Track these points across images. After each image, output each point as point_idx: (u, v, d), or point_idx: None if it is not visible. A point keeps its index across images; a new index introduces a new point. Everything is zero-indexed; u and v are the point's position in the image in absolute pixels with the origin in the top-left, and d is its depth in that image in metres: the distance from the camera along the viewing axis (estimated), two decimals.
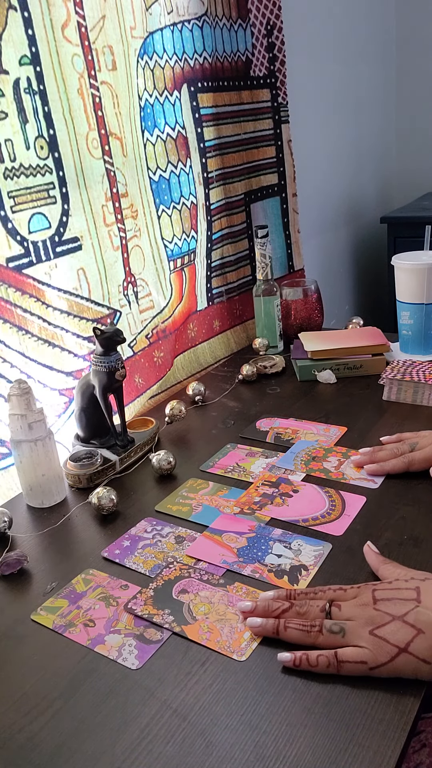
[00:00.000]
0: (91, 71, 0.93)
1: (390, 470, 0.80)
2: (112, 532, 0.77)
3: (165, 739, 0.50)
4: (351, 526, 0.72)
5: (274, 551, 0.69)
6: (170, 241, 1.15)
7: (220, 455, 0.91)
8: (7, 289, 0.86)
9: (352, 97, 1.91)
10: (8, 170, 0.84)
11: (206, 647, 0.58)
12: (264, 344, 1.25)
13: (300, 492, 0.80)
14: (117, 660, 0.58)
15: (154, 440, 0.98)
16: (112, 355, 0.87)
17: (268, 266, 1.24)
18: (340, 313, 1.94)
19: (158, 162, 1.10)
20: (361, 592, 0.56)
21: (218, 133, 1.23)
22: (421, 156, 2.22)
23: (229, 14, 1.22)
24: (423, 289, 1.09)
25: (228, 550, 0.71)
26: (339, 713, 0.50)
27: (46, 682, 0.57)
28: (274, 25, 1.32)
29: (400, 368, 1.03)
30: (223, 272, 1.32)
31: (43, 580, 0.70)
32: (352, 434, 0.93)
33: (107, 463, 0.89)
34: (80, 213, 0.95)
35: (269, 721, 0.50)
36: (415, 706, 0.50)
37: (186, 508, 0.80)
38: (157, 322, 1.13)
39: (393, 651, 0.51)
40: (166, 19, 1.07)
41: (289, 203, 1.45)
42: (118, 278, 1.03)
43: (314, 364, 1.13)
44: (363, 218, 2.06)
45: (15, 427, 0.81)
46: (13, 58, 0.82)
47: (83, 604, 0.65)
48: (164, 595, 0.65)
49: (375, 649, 0.51)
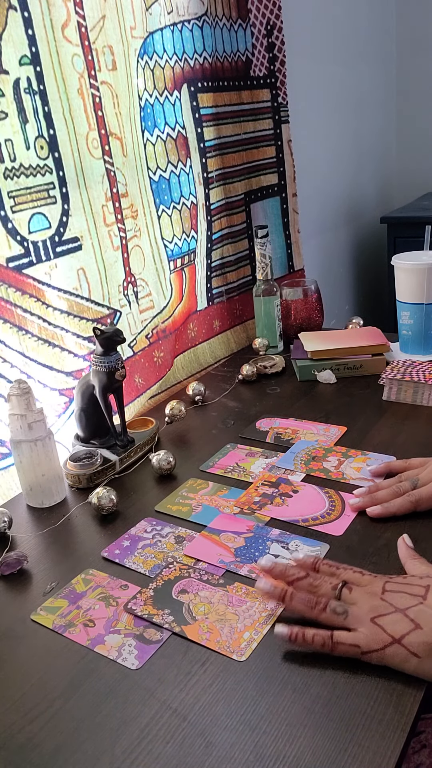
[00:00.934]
0: (91, 71, 0.93)
1: (396, 512, 0.71)
2: (112, 532, 0.77)
3: (165, 739, 0.50)
4: (351, 527, 0.72)
5: (272, 551, 0.69)
6: (170, 241, 1.15)
7: (220, 455, 0.91)
8: (7, 289, 0.86)
9: (352, 97, 1.91)
10: (8, 170, 0.84)
11: (206, 647, 0.58)
12: (264, 344, 1.25)
13: (300, 492, 0.80)
14: (117, 660, 0.58)
15: (154, 440, 0.98)
16: (112, 355, 0.87)
17: (268, 266, 1.24)
18: (340, 313, 1.94)
19: (158, 162, 1.10)
20: (375, 581, 0.57)
21: (218, 133, 1.23)
22: (421, 156, 2.22)
23: (229, 14, 1.22)
24: (423, 289, 1.09)
25: (226, 550, 0.71)
26: (339, 713, 0.50)
27: (46, 682, 0.57)
28: (274, 25, 1.32)
29: (400, 368, 1.03)
30: (223, 272, 1.32)
31: (43, 580, 0.70)
32: (352, 434, 0.93)
33: (107, 463, 0.89)
34: (80, 213, 0.95)
35: (269, 721, 0.50)
36: (415, 707, 0.50)
37: (186, 508, 0.80)
38: (157, 322, 1.13)
39: (387, 640, 0.52)
40: (166, 19, 1.07)
41: (289, 203, 1.45)
42: (118, 278, 1.03)
43: (314, 364, 1.13)
44: (363, 218, 2.06)
45: (15, 427, 0.81)
46: (13, 58, 0.82)
47: (83, 604, 0.65)
48: (164, 595, 0.65)
49: (371, 635, 0.52)
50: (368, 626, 0.53)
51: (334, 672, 0.54)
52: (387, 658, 0.52)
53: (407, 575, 0.58)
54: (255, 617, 0.61)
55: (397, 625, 0.52)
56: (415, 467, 0.77)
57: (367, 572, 0.59)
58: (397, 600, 0.54)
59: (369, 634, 0.52)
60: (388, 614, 0.53)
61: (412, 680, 0.51)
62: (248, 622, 0.60)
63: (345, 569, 0.59)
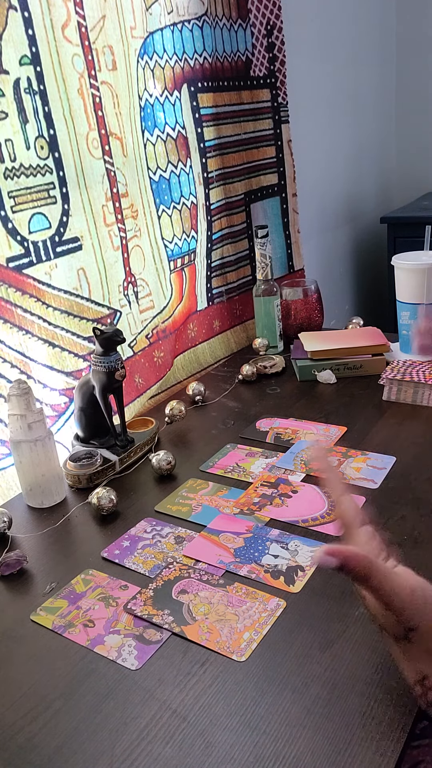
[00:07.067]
0: (92, 71, 0.93)
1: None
2: (112, 533, 0.77)
3: (164, 739, 0.50)
4: None
5: (271, 552, 0.69)
6: (170, 241, 1.15)
7: (220, 455, 0.91)
8: (7, 289, 0.86)
9: (352, 96, 1.91)
10: (8, 170, 0.84)
11: (206, 648, 0.58)
12: (264, 344, 1.25)
13: (299, 492, 0.80)
14: (116, 660, 0.58)
15: (154, 440, 0.98)
16: (112, 355, 0.87)
17: (268, 266, 1.24)
18: (340, 313, 1.94)
19: (158, 162, 1.10)
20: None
21: (218, 133, 1.23)
22: (421, 156, 2.22)
23: (229, 14, 1.22)
24: (423, 289, 1.09)
25: (225, 550, 0.71)
26: (338, 714, 0.50)
27: (46, 683, 0.57)
28: (274, 25, 1.32)
29: (400, 368, 1.02)
30: (223, 272, 1.32)
31: (42, 581, 0.70)
32: (352, 434, 0.93)
33: (107, 463, 0.89)
34: (80, 213, 0.95)
35: (268, 721, 0.50)
36: (415, 707, 0.49)
37: (186, 509, 0.80)
38: (157, 322, 1.13)
39: (402, 582, 0.46)
40: (166, 19, 1.07)
41: (289, 203, 1.45)
42: (118, 278, 1.03)
43: (314, 364, 1.12)
44: (363, 218, 2.06)
45: (15, 427, 0.81)
46: (13, 58, 0.82)
47: (83, 605, 0.65)
48: (164, 595, 0.65)
49: (388, 571, 0.46)
50: (398, 568, 0.48)
51: (334, 672, 0.54)
52: (376, 584, 0.45)
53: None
54: (255, 617, 0.61)
55: (409, 578, 0.46)
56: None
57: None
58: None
59: (389, 569, 0.46)
60: (412, 576, 0.47)
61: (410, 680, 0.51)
62: (248, 622, 0.60)
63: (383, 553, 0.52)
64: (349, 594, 0.62)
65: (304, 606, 0.61)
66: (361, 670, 0.53)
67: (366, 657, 0.55)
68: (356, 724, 0.49)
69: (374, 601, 0.47)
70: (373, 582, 0.46)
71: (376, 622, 0.49)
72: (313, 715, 0.50)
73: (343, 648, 0.56)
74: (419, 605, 0.47)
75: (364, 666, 0.53)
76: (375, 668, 0.53)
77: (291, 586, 0.64)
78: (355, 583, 0.48)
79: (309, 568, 0.66)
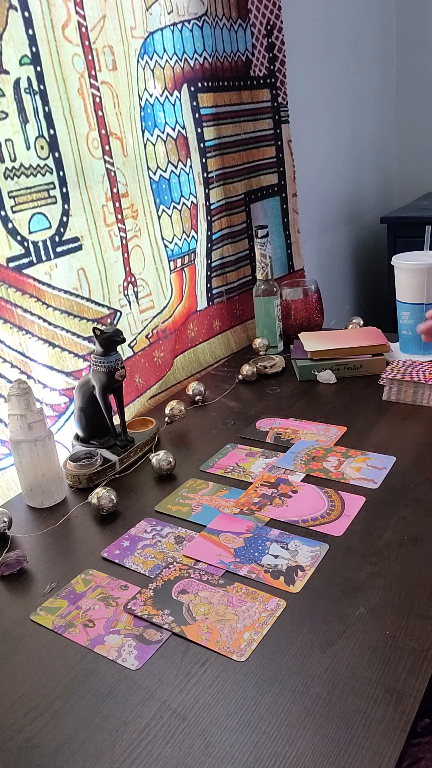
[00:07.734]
0: (92, 71, 0.93)
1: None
2: (112, 533, 0.77)
3: (164, 739, 0.50)
4: (351, 527, 0.72)
5: (271, 552, 0.69)
6: (170, 241, 1.15)
7: (220, 455, 0.91)
8: (7, 289, 0.86)
9: (352, 97, 1.91)
10: (8, 170, 0.84)
11: (206, 648, 0.58)
12: (264, 344, 1.25)
13: (299, 492, 0.80)
14: (116, 660, 0.58)
15: (154, 440, 0.98)
16: (112, 355, 0.87)
17: (268, 266, 1.24)
18: (340, 313, 1.94)
19: (158, 162, 1.10)
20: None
21: (218, 133, 1.23)
22: (421, 156, 2.22)
23: (229, 14, 1.22)
24: (423, 289, 1.09)
25: (225, 550, 0.71)
26: (338, 714, 0.50)
27: (46, 683, 0.57)
28: (274, 25, 1.32)
29: (400, 368, 1.03)
30: (223, 272, 1.32)
31: (42, 581, 0.70)
32: (352, 434, 0.93)
33: (107, 463, 0.89)
34: (80, 213, 0.95)
35: (269, 721, 0.50)
36: (415, 707, 0.50)
37: (186, 509, 0.80)
38: (157, 322, 1.13)
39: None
40: (166, 19, 1.07)
41: (289, 203, 1.45)
42: (118, 278, 1.03)
43: (314, 364, 1.13)
44: (363, 218, 2.06)
45: (15, 427, 0.81)
46: (13, 58, 0.82)
47: (83, 605, 0.65)
48: (164, 595, 0.65)
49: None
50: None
51: (334, 672, 0.54)
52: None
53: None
54: (255, 617, 0.61)
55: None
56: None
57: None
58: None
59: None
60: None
61: (412, 680, 0.51)
62: (248, 622, 0.60)
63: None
64: (350, 594, 0.62)
65: (304, 606, 0.61)
66: (361, 670, 0.53)
67: (366, 657, 0.55)
68: (356, 724, 0.49)
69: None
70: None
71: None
72: (313, 715, 0.50)
73: (343, 648, 0.56)
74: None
75: (364, 666, 0.53)
76: (375, 668, 0.53)
77: (291, 586, 0.64)
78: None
79: (309, 568, 0.66)
